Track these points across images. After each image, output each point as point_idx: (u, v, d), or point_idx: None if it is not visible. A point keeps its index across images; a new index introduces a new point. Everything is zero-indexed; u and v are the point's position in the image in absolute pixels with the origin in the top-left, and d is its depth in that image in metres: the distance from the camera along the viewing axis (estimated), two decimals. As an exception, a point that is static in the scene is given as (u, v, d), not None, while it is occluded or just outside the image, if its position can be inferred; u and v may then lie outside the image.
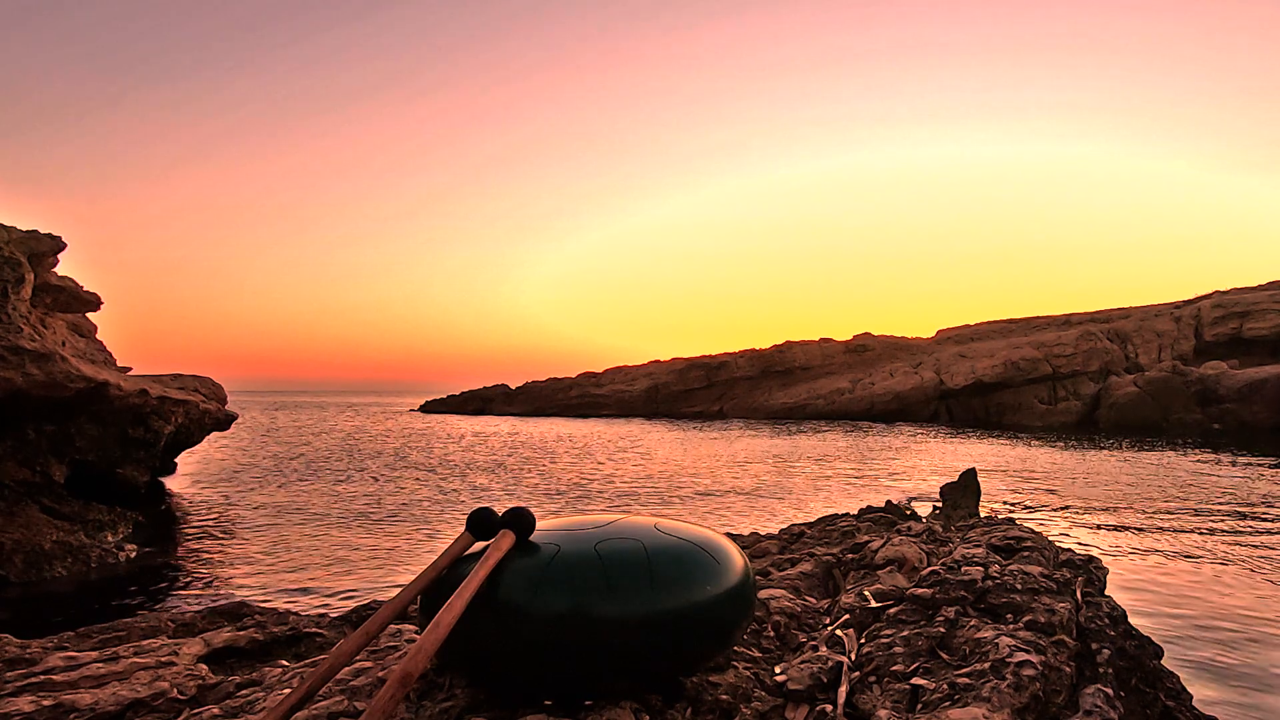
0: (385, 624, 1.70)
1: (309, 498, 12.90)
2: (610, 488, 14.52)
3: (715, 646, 1.83)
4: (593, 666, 1.65)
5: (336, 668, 1.63)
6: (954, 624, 2.23)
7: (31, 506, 8.96)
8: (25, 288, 9.14)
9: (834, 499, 12.93)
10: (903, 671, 1.99)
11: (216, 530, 10.01)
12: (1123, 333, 45.96)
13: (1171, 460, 18.68)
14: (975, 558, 2.83)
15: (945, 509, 8.61)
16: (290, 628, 2.74)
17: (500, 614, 1.64)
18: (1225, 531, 9.49)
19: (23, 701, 1.93)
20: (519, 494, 13.93)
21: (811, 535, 4.44)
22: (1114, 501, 12.06)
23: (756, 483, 15.13)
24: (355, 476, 16.07)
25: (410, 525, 10.39)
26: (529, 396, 57.42)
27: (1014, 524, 3.82)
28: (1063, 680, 1.94)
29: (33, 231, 9.90)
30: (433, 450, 23.08)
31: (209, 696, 2.09)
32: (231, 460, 18.91)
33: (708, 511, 11.71)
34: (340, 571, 7.78)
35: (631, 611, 1.64)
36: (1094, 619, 2.32)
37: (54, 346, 9.15)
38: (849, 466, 18.39)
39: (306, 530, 9.96)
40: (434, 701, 1.80)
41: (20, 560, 7.36)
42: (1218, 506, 11.47)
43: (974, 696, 1.77)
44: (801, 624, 2.47)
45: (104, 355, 12.18)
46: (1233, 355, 40.17)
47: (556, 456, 21.14)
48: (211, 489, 13.83)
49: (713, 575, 1.77)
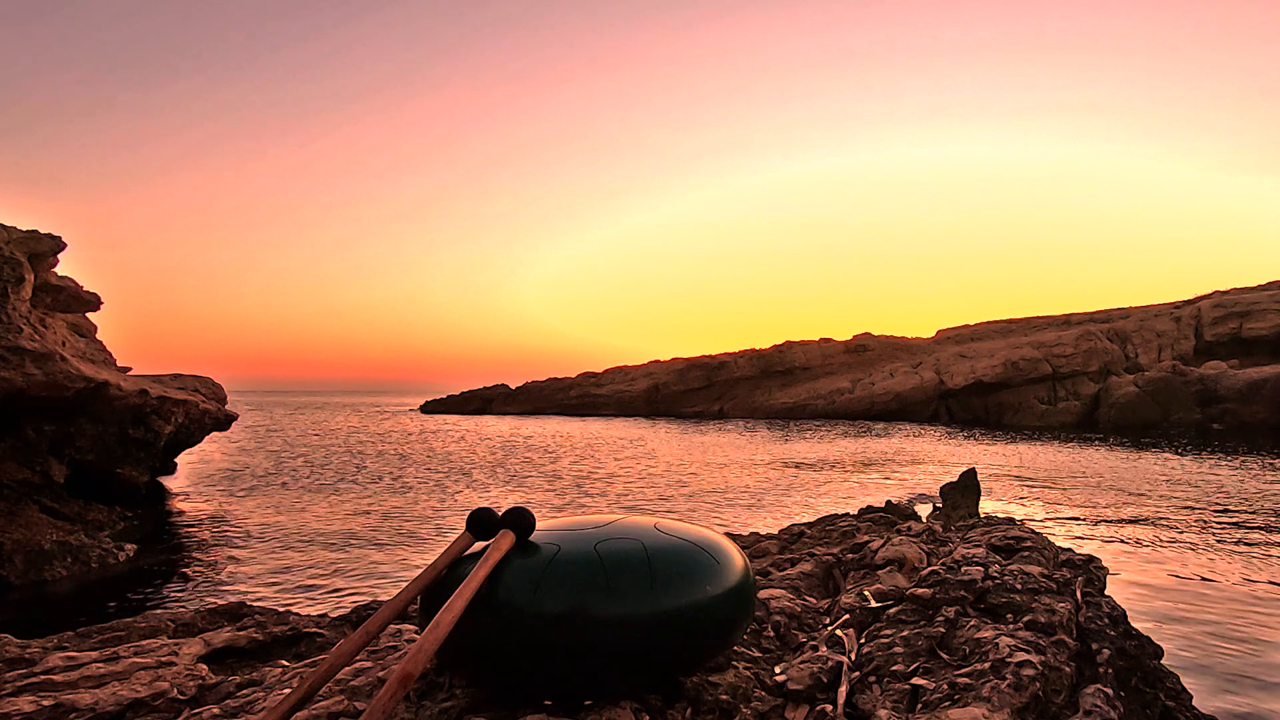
0: (385, 624, 1.70)
1: (309, 498, 12.90)
2: (610, 488, 14.52)
3: (715, 646, 1.83)
4: (593, 666, 1.65)
5: (336, 668, 1.63)
6: (954, 624, 2.23)
7: (31, 506, 8.96)
8: (25, 288, 9.14)
9: (834, 499, 12.93)
10: (903, 671, 1.99)
11: (216, 530, 10.01)
12: (1123, 333, 45.96)
13: (1171, 460, 18.67)
14: (975, 558, 2.83)
15: (945, 509, 8.61)
16: (290, 628, 2.74)
17: (500, 614, 1.63)
18: (1225, 531, 9.49)
19: (23, 701, 1.93)
20: (519, 494, 13.93)
21: (811, 535, 4.44)
22: (1114, 501, 12.06)
23: (756, 483, 15.12)
24: (355, 476, 16.07)
25: (410, 525, 10.39)
26: (529, 396, 57.43)
27: (1014, 524, 3.82)
28: (1063, 680, 1.94)
29: (33, 231, 9.90)
30: (433, 450, 23.08)
31: (209, 696, 2.09)
32: (231, 460, 18.91)
33: (708, 511, 11.71)
34: (340, 571, 7.78)
35: (631, 611, 1.64)
36: (1094, 619, 2.32)
37: (54, 346, 9.15)
38: (849, 466, 18.39)
39: (306, 530, 9.95)
40: (434, 701, 1.80)
41: (20, 560, 7.36)
42: (1218, 506, 11.47)
43: (974, 696, 1.77)
44: (801, 624, 2.47)
45: (104, 355, 12.18)
46: (1233, 355, 40.17)
47: (557, 456, 21.13)
48: (211, 489, 13.83)
49: (713, 575, 1.77)
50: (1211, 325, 43.41)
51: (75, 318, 11.99)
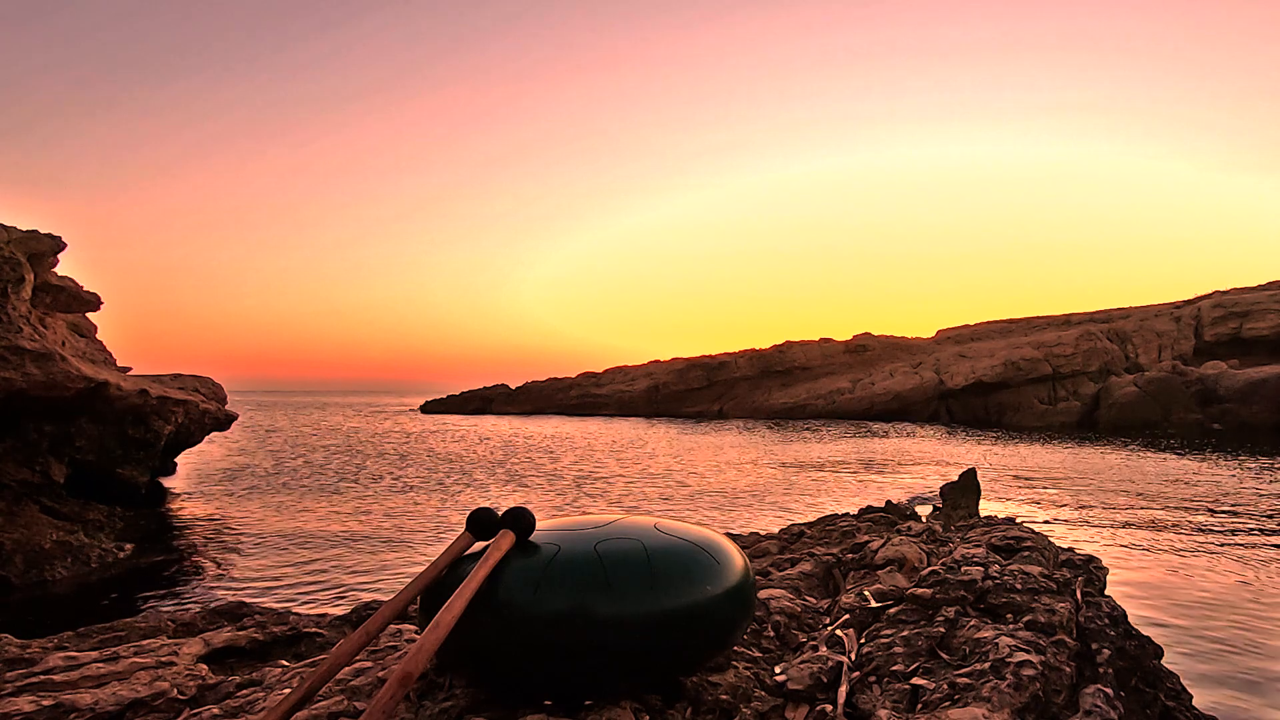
0: (385, 624, 1.70)
1: (309, 498, 12.90)
2: (610, 488, 14.52)
3: (715, 647, 1.83)
4: (593, 666, 1.65)
5: (336, 668, 1.63)
6: (954, 624, 2.23)
7: (31, 506, 8.96)
8: (25, 288, 9.14)
9: (834, 499, 12.93)
10: (903, 671, 1.99)
11: (216, 530, 10.01)
12: (1123, 333, 45.96)
13: (1171, 460, 18.67)
14: (975, 558, 2.82)
15: (945, 509, 8.61)
16: (290, 628, 2.74)
17: (500, 614, 1.63)
18: (1225, 531, 9.49)
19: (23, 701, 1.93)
20: (519, 494, 13.93)
21: (811, 535, 4.44)
22: (1114, 501, 12.06)
23: (756, 483, 15.12)
24: (355, 476, 16.07)
25: (410, 525, 10.39)
26: (529, 396, 57.42)
27: (1014, 524, 3.82)
28: (1063, 680, 1.94)
29: (33, 231, 9.90)
30: (433, 450, 23.08)
31: (209, 696, 2.09)
32: (231, 460, 18.91)
33: (708, 511, 11.71)
34: (340, 571, 7.78)
35: (631, 611, 1.64)
36: (1094, 619, 2.32)
37: (54, 346, 9.14)
38: (849, 466, 18.39)
39: (306, 530, 9.95)
40: (434, 701, 1.80)
41: (20, 560, 7.36)
42: (1218, 506, 11.47)
43: (974, 696, 1.77)
44: (801, 624, 2.47)
45: (104, 355, 12.18)
46: (1233, 355, 40.16)
47: (557, 456, 21.13)
48: (211, 489, 13.83)
49: (713, 575, 1.77)
50: (1211, 325, 43.41)
51: (75, 318, 11.99)
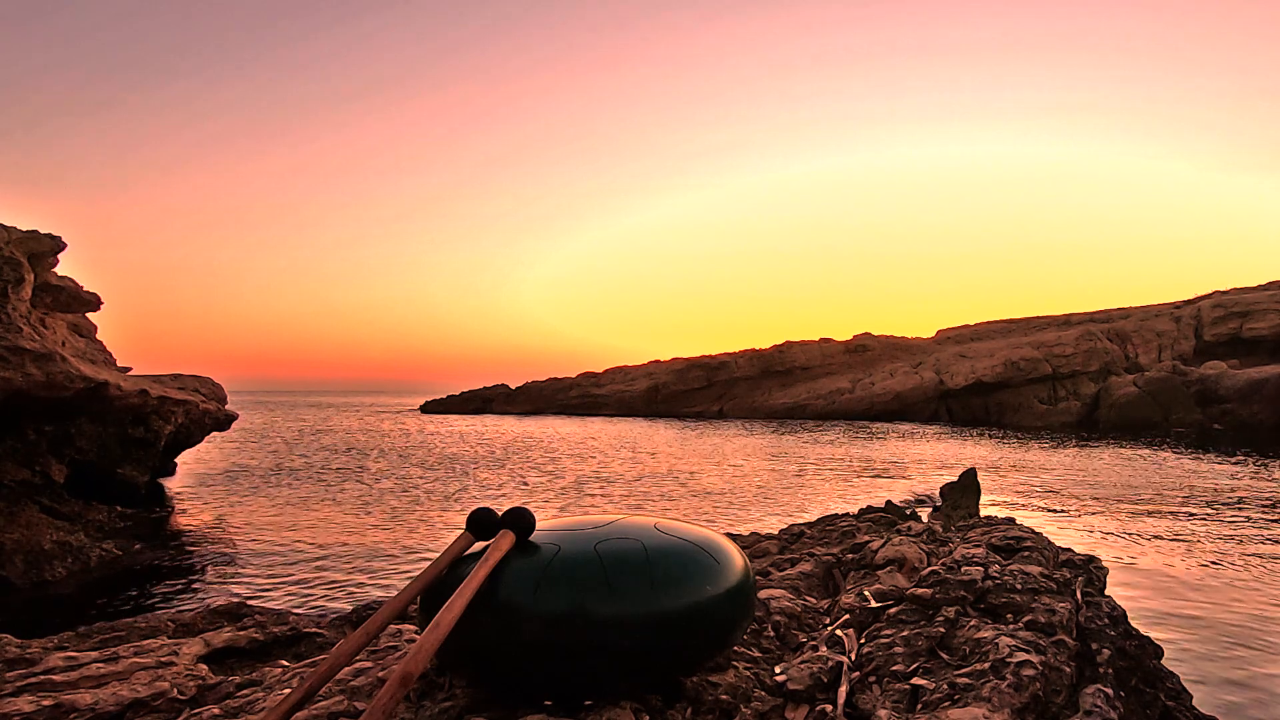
0: (385, 624, 1.70)
1: (309, 498, 12.90)
2: (610, 488, 14.52)
3: (715, 647, 1.83)
4: (593, 666, 1.65)
5: (336, 668, 1.63)
6: (954, 624, 2.23)
7: (31, 506, 8.96)
8: (25, 288, 9.14)
9: (834, 499, 12.93)
10: (903, 671, 1.99)
11: (216, 530, 10.01)
12: (1123, 333, 45.97)
13: (1171, 460, 18.67)
14: (975, 558, 2.82)
15: (945, 509, 8.61)
16: (290, 628, 2.74)
17: (500, 614, 1.63)
18: (1225, 531, 9.49)
19: (23, 701, 1.93)
20: (519, 494, 13.93)
21: (811, 535, 4.44)
22: (1114, 501, 12.06)
23: (756, 483, 15.12)
24: (355, 476, 16.07)
25: (411, 525, 10.39)
26: (529, 396, 57.42)
27: (1014, 524, 3.82)
28: (1063, 680, 1.94)
29: (33, 231, 9.90)
30: (433, 450, 23.08)
31: (209, 696, 2.09)
32: (231, 460, 18.91)
33: (708, 511, 11.71)
34: (340, 571, 7.78)
35: (631, 612, 1.64)
36: (1094, 619, 2.32)
37: (54, 346, 9.14)
38: (849, 466, 18.39)
39: (306, 530, 9.95)
40: (434, 701, 1.80)
41: (20, 560, 7.36)
42: (1218, 506, 11.47)
43: (974, 696, 1.77)
44: (801, 624, 2.47)
45: (104, 355, 12.18)
46: (1233, 355, 40.16)
47: (557, 456, 21.13)
48: (211, 489, 13.83)
49: (713, 575, 1.77)
50: (1211, 325, 43.41)
51: (75, 318, 11.99)
